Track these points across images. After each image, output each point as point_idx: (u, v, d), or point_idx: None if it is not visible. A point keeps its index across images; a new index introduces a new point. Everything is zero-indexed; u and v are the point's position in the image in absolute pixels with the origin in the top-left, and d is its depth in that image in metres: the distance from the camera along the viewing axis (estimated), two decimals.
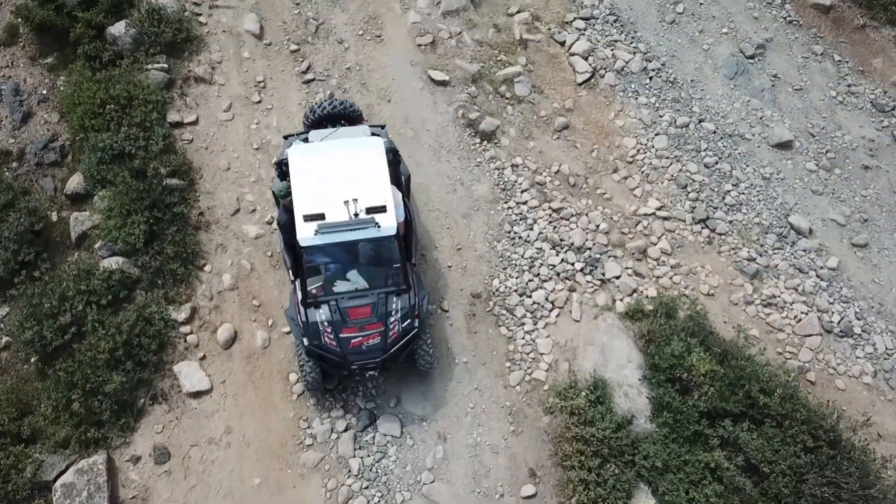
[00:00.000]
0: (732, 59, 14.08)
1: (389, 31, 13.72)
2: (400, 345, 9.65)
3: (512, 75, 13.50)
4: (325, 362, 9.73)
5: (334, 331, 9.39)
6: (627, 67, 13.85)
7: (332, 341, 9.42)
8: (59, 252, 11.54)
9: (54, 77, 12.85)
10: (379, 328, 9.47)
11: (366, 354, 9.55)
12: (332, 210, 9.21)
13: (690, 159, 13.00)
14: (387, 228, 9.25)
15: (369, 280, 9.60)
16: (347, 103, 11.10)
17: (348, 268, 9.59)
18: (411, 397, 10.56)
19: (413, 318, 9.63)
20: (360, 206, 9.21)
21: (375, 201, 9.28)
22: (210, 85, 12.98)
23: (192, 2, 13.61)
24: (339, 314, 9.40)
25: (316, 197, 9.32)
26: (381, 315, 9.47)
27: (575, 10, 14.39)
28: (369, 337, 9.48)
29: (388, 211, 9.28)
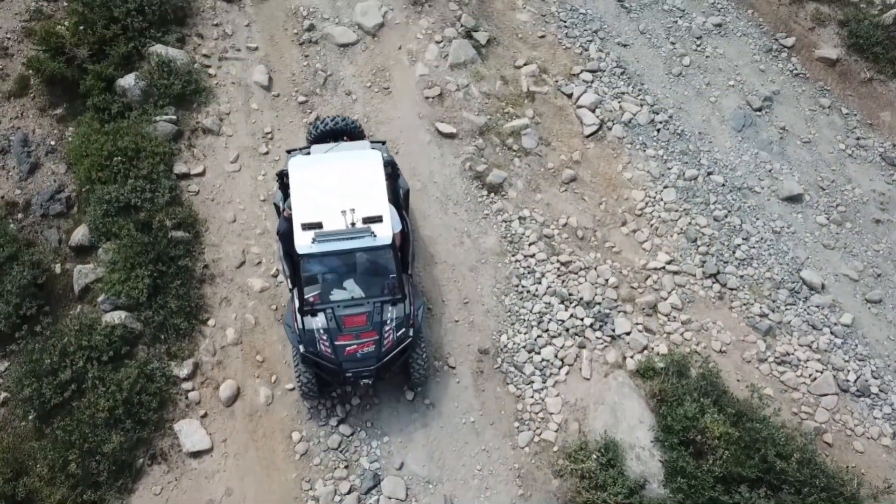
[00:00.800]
0: (740, 112, 14.05)
1: (397, 84, 13.75)
2: (394, 353, 9.75)
3: (519, 128, 13.47)
4: (320, 370, 9.83)
5: (330, 338, 9.56)
6: (635, 120, 13.82)
7: (328, 349, 9.59)
8: (62, 305, 11.38)
9: (63, 128, 12.86)
10: (374, 336, 9.63)
11: (360, 362, 9.69)
12: (330, 219, 9.44)
13: (700, 212, 12.86)
14: (382, 238, 9.48)
15: (365, 289, 9.77)
16: (349, 119, 11.42)
17: (345, 277, 9.77)
18: (417, 458, 10.26)
19: (408, 328, 9.76)
20: (356, 215, 9.43)
21: (372, 211, 9.50)
22: (218, 136, 12.96)
23: (202, 54, 13.68)
24: (335, 322, 9.57)
25: (314, 206, 9.56)
26: (377, 324, 9.63)
27: (582, 63, 14.43)
28: (364, 345, 9.64)
29: (384, 221, 9.50)
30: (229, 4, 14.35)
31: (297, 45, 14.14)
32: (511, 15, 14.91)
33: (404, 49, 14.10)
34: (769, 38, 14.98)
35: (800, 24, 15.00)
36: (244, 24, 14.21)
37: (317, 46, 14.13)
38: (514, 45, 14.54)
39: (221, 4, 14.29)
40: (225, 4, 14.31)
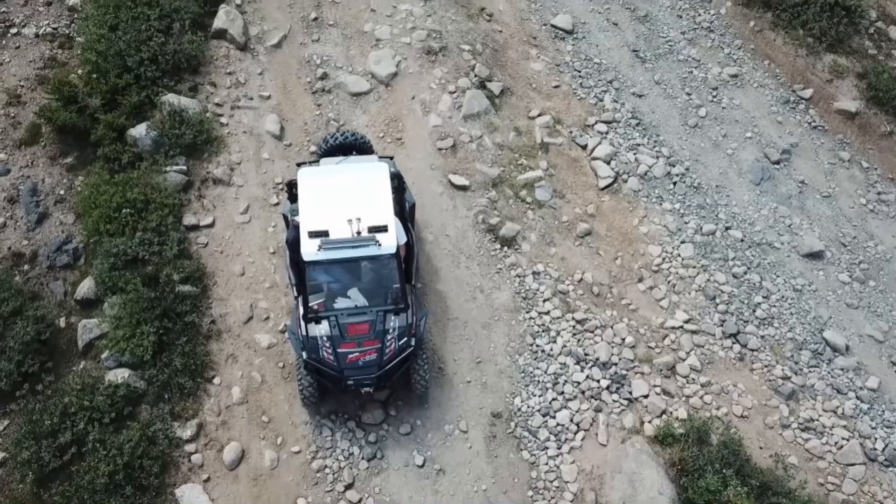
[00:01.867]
0: (758, 165, 13.75)
1: (410, 134, 13.56)
2: (395, 362, 9.84)
3: (533, 179, 13.21)
4: (322, 377, 9.91)
5: (333, 346, 9.66)
6: (651, 172, 13.54)
7: (330, 356, 9.68)
8: (65, 360, 11.08)
9: (73, 177, 12.70)
10: (376, 345, 9.71)
11: (362, 370, 9.76)
12: (336, 227, 9.55)
13: (718, 269, 12.50)
14: (387, 247, 9.61)
15: (369, 298, 9.88)
16: (358, 135, 11.56)
17: (349, 285, 9.88)
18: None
19: (410, 337, 9.84)
20: (362, 224, 9.53)
21: (378, 221, 9.60)
22: (228, 186, 12.76)
23: (215, 102, 13.56)
24: (339, 330, 9.67)
25: (321, 215, 9.71)
26: (379, 332, 9.73)
27: (597, 114, 14.21)
28: (366, 353, 9.72)
29: (389, 231, 9.60)
30: (242, 52, 14.27)
31: (309, 93, 14.01)
32: (525, 64, 14.76)
33: (417, 99, 13.93)
34: (786, 89, 14.74)
35: (817, 75, 14.76)
36: (257, 72, 14.10)
37: (329, 95, 13.99)
38: (527, 95, 14.35)
39: (235, 52, 14.21)
40: (238, 52, 14.23)
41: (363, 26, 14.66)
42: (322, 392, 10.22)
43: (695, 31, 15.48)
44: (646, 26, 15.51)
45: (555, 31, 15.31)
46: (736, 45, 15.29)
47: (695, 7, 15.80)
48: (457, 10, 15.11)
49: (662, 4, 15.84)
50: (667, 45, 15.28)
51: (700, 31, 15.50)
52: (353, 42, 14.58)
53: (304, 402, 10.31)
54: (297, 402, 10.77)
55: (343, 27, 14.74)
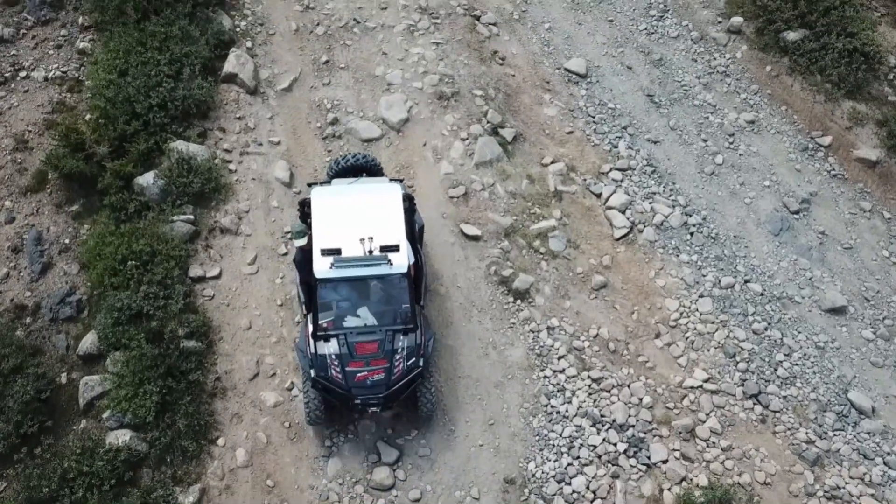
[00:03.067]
0: (776, 215, 13.36)
1: (421, 181, 13.24)
2: (403, 382, 9.82)
3: (546, 229, 12.85)
4: (330, 395, 9.87)
5: (341, 364, 9.64)
6: (667, 222, 13.16)
7: (339, 374, 9.66)
8: (66, 419, 10.73)
9: (78, 225, 12.42)
10: (384, 364, 9.68)
11: (370, 389, 9.74)
12: (349, 246, 9.66)
13: (738, 324, 12.07)
14: (398, 266, 9.64)
15: (378, 317, 9.86)
16: (370, 157, 11.69)
17: (359, 304, 9.87)
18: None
19: (418, 358, 9.82)
20: (374, 243, 9.61)
21: (389, 240, 9.65)
22: (236, 236, 12.44)
23: (224, 148, 13.29)
24: (347, 348, 9.64)
25: (334, 233, 9.80)
26: (387, 352, 9.70)
27: (611, 161, 13.88)
28: (374, 372, 9.69)
29: (400, 250, 9.62)
30: (252, 97, 14.03)
31: (320, 138, 13.73)
32: (538, 110, 14.47)
33: (429, 146, 13.64)
34: (804, 136, 14.39)
35: (836, 122, 14.42)
36: (267, 116, 13.85)
37: (340, 141, 13.70)
38: (541, 142, 14.05)
39: (245, 97, 13.97)
40: (248, 97, 13.99)
41: (374, 70, 14.43)
42: (328, 410, 10.12)
43: (710, 76, 15.18)
44: (660, 70, 15.22)
45: (568, 74, 15.04)
46: (752, 90, 14.97)
47: (710, 51, 15.51)
48: (469, 53, 14.87)
49: (677, 48, 15.56)
50: (682, 89, 14.97)
51: (716, 75, 15.20)
52: (364, 86, 14.33)
53: (310, 420, 10.20)
54: (304, 465, 10.38)
55: (354, 70, 14.51)
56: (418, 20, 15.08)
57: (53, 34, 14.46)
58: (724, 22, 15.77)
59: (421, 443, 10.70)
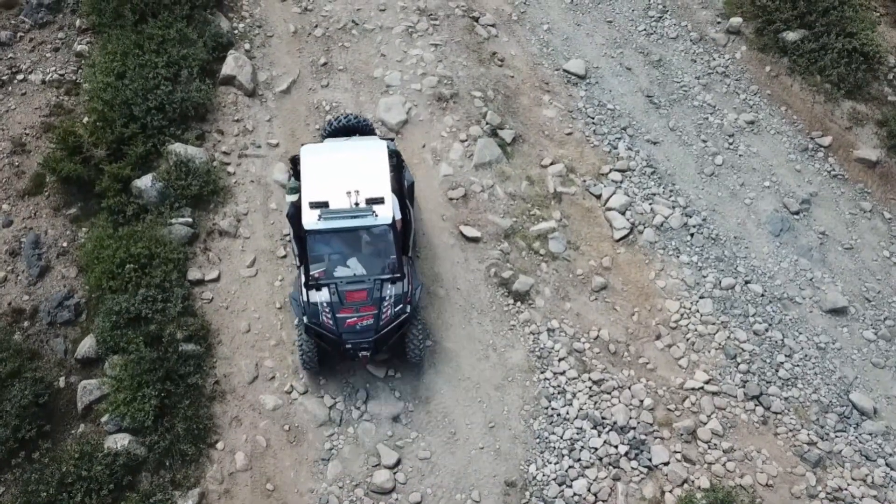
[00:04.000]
0: (777, 215, 13.32)
1: (421, 184, 13.15)
2: (391, 327, 10.28)
3: (546, 231, 12.81)
4: (322, 340, 10.32)
5: (332, 311, 10.12)
6: (667, 223, 13.12)
7: (330, 320, 10.14)
8: (64, 423, 10.67)
9: (76, 228, 12.36)
10: (373, 311, 10.16)
11: (359, 334, 10.22)
12: (336, 199, 10.10)
13: (738, 325, 12.03)
14: (383, 217, 10.14)
15: (367, 268, 10.35)
16: (361, 118, 12.08)
17: (349, 256, 10.33)
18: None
19: (405, 304, 10.30)
20: (360, 196, 10.09)
21: (375, 193, 10.15)
22: (234, 238, 12.40)
23: (222, 151, 13.24)
24: (338, 296, 10.12)
25: (322, 187, 10.27)
26: (376, 299, 10.18)
27: (611, 162, 13.84)
28: (363, 318, 10.18)
29: (385, 203, 10.11)
30: (251, 99, 13.98)
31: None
32: (537, 111, 14.43)
33: (428, 147, 13.60)
34: (804, 136, 14.35)
35: (836, 122, 14.39)
36: (265, 119, 13.81)
37: None
38: (540, 143, 14.01)
39: (243, 99, 13.92)
40: (247, 99, 13.94)
41: (373, 72, 14.39)
42: (321, 358, 10.58)
43: (709, 77, 15.14)
44: (660, 71, 15.19)
45: (567, 76, 15.00)
46: (752, 90, 14.94)
47: (709, 52, 15.48)
48: (468, 55, 14.84)
49: (676, 49, 15.53)
50: (681, 90, 14.94)
51: (715, 76, 15.16)
52: (362, 88, 14.28)
53: (304, 365, 10.67)
54: (304, 468, 10.34)
55: (353, 72, 14.46)
56: (417, 22, 15.05)
57: (51, 37, 14.41)
58: (723, 22, 15.74)
59: (421, 445, 10.65)
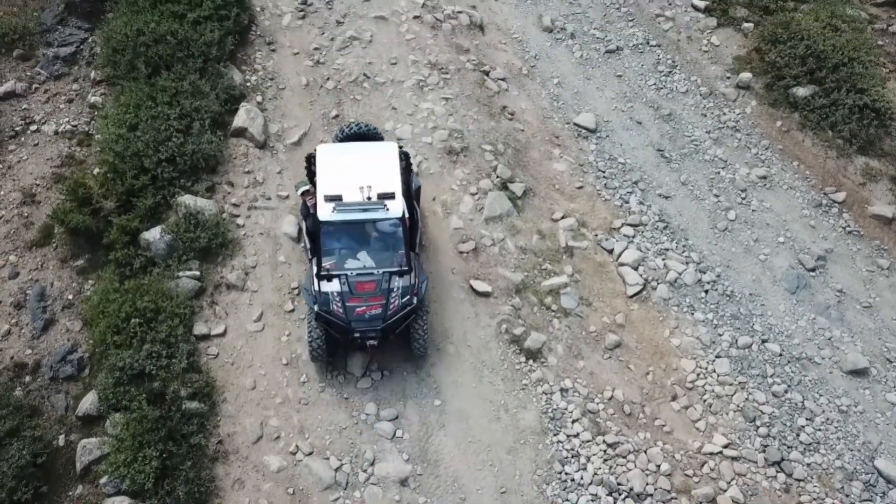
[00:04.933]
0: (792, 272, 13.07)
1: (432, 236, 13.02)
2: (398, 317, 10.67)
3: (558, 286, 12.57)
4: (331, 328, 10.73)
5: (342, 300, 10.54)
6: (681, 279, 12.88)
7: (340, 308, 10.55)
8: (62, 484, 10.31)
9: (83, 280, 12.20)
10: (381, 301, 10.58)
11: (368, 322, 10.61)
12: (349, 193, 10.61)
13: (757, 387, 11.66)
14: (394, 211, 10.62)
15: (376, 261, 10.81)
16: (371, 126, 12.55)
17: (359, 249, 10.81)
18: None
19: (412, 296, 10.72)
20: (373, 191, 10.59)
21: (386, 188, 10.67)
22: (242, 292, 12.19)
23: (232, 203, 13.13)
24: (348, 287, 10.54)
25: (336, 182, 10.78)
26: (384, 290, 10.60)
27: (622, 216, 13.67)
28: (372, 307, 10.59)
29: (396, 198, 10.61)
30: (262, 151, 13.95)
31: None
32: (548, 165, 14.35)
33: (438, 200, 13.47)
34: (817, 192, 14.20)
35: (849, 178, 14.24)
36: (276, 171, 13.75)
37: None
38: (551, 197, 13.88)
39: (254, 151, 13.89)
40: (258, 151, 13.91)
41: (384, 125, 14.36)
42: (330, 347, 10.93)
43: (720, 131, 15.10)
44: (670, 125, 15.15)
45: (578, 129, 14.98)
46: (763, 145, 14.86)
47: (719, 106, 15.47)
48: (479, 108, 14.85)
49: (686, 103, 15.53)
50: (692, 144, 14.87)
51: (726, 130, 15.11)
52: None
53: (313, 354, 10.99)
54: None
55: None
56: (428, 75, 15.11)
57: (65, 88, 14.51)
58: (732, 77, 15.77)
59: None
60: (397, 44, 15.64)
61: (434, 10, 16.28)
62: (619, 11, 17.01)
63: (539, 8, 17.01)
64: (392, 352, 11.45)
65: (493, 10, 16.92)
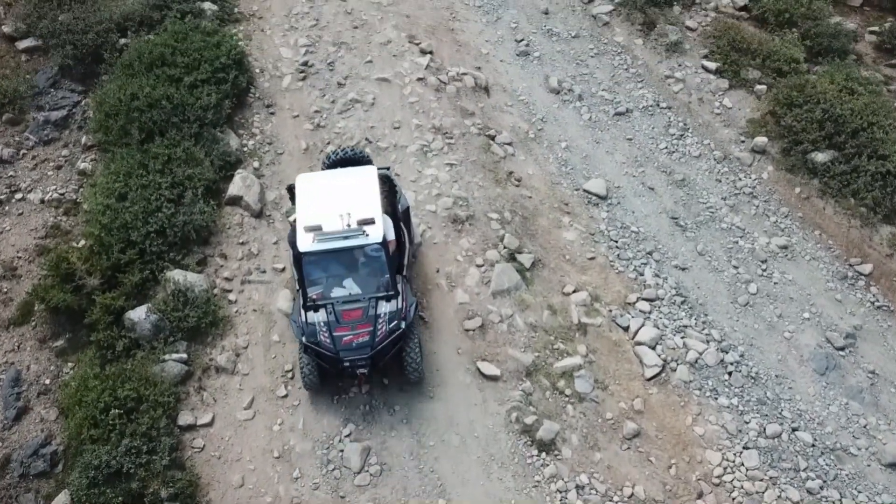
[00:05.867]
0: (820, 352, 12.11)
1: (435, 312, 12.13)
2: (387, 343, 10.43)
3: (571, 367, 11.61)
4: (320, 359, 10.46)
5: (329, 330, 10.33)
6: (702, 360, 11.92)
7: (327, 339, 10.32)
8: None
9: (62, 363, 11.30)
10: (368, 328, 10.37)
11: (356, 351, 10.37)
12: (329, 222, 10.34)
13: (789, 482, 10.61)
14: (374, 237, 10.39)
15: (362, 287, 10.61)
16: (359, 150, 12.27)
17: (344, 276, 10.61)
18: None
19: (400, 320, 10.48)
20: (352, 218, 10.34)
21: (366, 215, 10.40)
22: (232, 375, 11.25)
23: (224, 277, 12.28)
24: (335, 316, 10.37)
25: (316, 212, 10.53)
26: (371, 317, 10.40)
27: (637, 290, 12.78)
28: (359, 335, 10.34)
29: (376, 223, 10.37)
30: (258, 220, 13.16)
31: None
32: (557, 233, 13.53)
33: (442, 272, 12.61)
34: (842, 263, 13.33)
35: (875, 248, 13.39)
36: (272, 241, 12.92)
37: None
38: (561, 268, 13.02)
39: (249, 220, 13.10)
40: (253, 220, 13.12)
41: None
42: (321, 377, 10.67)
43: (736, 197, 14.31)
44: (684, 191, 14.38)
45: (588, 196, 14.20)
46: (782, 212, 14.06)
47: (734, 171, 14.71)
48: (484, 174, 14.10)
49: (700, 168, 14.78)
50: (708, 211, 14.07)
51: (742, 196, 14.33)
52: None
53: (305, 383, 10.72)
54: None
55: None
56: (432, 140, 14.42)
57: (54, 154, 13.81)
58: (747, 141, 15.06)
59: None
60: (400, 107, 14.99)
61: (438, 71, 15.68)
62: (627, 72, 16.41)
63: (545, 68, 16.41)
64: (391, 446, 10.46)
65: (498, 71, 16.32)
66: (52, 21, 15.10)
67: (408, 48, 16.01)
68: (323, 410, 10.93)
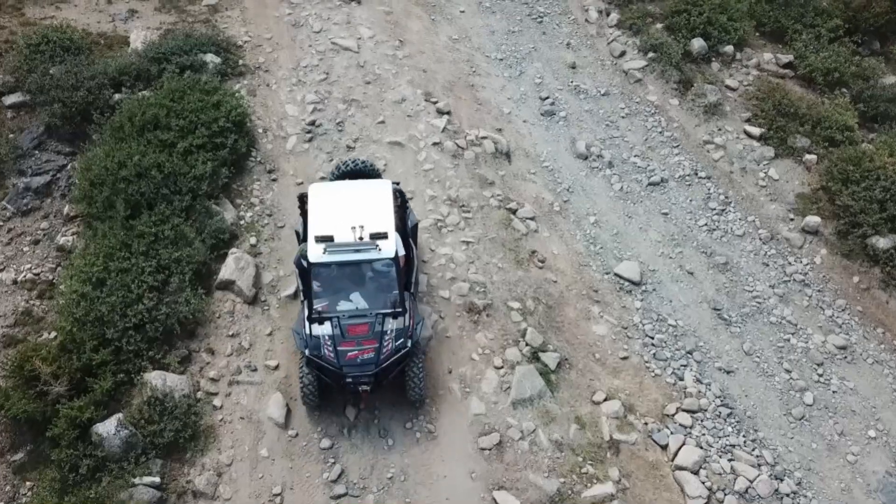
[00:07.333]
0: (891, 481, 10.17)
1: (444, 425, 10.33)
2: (392, 360, 9.87)
3: (602, 498, 9.75)
4: (322, 373, 9.92)
5: (333, 344, 9.75)
6: (753, 488, 10.01)
7: (331, 353, 9.76)
8: None
9: (20, 482, 9.60)
10: (374, 344, 9.79)
11: (360, 367, 9.77)
12: (341, 233, 9.77)
13: None
14: (386, 252, 9.80)
15: (369, 302, 9.99)
16: (368, 163, 11.73)
17: (352, 290, 10.00)
18: None
19: (406, 339, 9.92)
20: (365, 231, 9.74)
21: (379, 228, 9.82)
22: (212, 501, 9.50)
23: (209, 377, 10.57)
24: (340, 330, 9.77)
25: (327, 222, 9.97)
26: (377, 333, 9.81)
27: (677, 398, 10.92)
28: (364, 351, 9.77)
29: (389, 238, 9.77)
30: (251, 307, 11.44)
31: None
32: (585, 326, 11.69)
33: (455, 374, 10.82)
34: None
35: None
36: (266, 332, 11.20)
37: None
38: (590, 370, 11.17)
39: (242, 308, 11.38)
40: (246, 308, 11.40)
41: None
42: (321, 392, 10.08)
43: (786, 285, 12.41)
44: (727, 276, 12.51)
45: (619, 281, 12.37)
46: (838, 305, 12.13)
47: (783, 254, 12.82)
48: (504, 254, 12.32)
49: (744, 249, 12.90)
50: (754, 301, 12.18)
51: (792, 284, 12.43)
52: None
53: (305, 399, 10.13)
54: None
55: None
56: (447, 214, 12.67)
57: (33, 227, 12.21)
58: (796, 220, 13.18)
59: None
60: (414, 174, 13.26)
61: (455, 134, 13.96)
62: (661, 136, 14.59)
63: (572, 130, 14.65)
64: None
65: (520, 133, 14.57)
66: (42, 75, 13.52)
67: (423, 107, 14.31)
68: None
